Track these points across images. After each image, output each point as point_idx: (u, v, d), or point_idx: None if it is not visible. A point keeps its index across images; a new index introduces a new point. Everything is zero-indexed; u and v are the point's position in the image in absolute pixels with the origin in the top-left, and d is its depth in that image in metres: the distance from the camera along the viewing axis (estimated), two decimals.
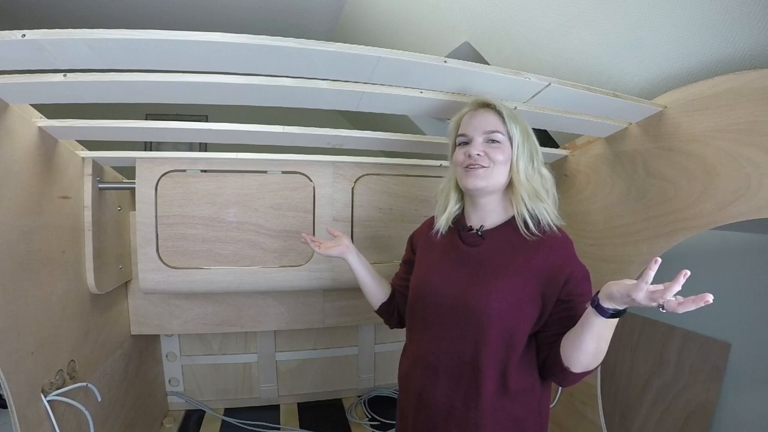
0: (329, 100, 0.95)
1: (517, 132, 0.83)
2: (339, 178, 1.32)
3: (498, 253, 0.84)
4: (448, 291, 0.86)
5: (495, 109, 0.85)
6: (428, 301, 0.90)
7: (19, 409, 0.80)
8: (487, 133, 0.84)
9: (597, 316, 0.69)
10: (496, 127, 0.84)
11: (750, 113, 0.86)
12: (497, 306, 0.80)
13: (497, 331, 0.80)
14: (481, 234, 0.87)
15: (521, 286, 0.81)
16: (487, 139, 0.84)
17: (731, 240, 1.34)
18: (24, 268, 0.85)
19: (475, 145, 0.84)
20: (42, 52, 0.67)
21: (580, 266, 0.83)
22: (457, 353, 0.84)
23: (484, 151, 0.83)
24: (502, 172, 0.83)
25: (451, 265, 0.89)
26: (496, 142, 0.83)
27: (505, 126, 0.83)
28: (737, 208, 0.89)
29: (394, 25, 2.04)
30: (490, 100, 0.86)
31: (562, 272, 0.80)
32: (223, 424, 1.56)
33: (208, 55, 0.73)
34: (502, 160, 0.83)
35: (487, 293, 0.81)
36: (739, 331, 1.32)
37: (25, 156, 0.87)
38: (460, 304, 0.84)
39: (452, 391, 0.85)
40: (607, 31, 1.12)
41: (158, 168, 1.19)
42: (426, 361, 0.89)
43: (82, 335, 1.07)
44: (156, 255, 1.21)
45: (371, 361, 1.81)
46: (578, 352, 0.74)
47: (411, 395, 0.93)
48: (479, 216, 0.89)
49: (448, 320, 0.86)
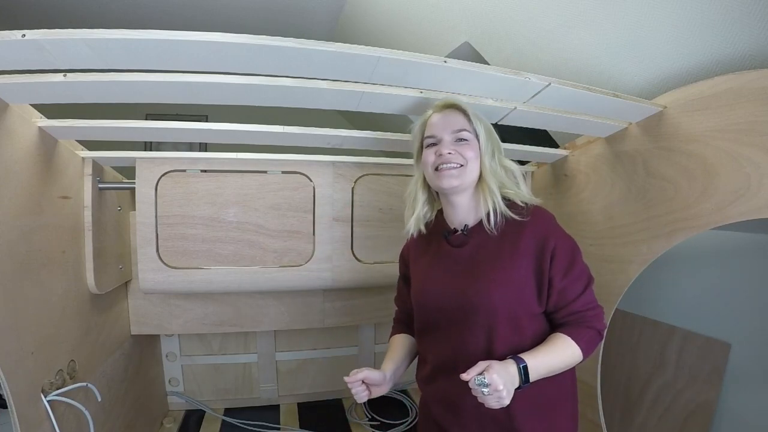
0: (329, 100, 0.95)
1: (482, 129, 0.87)
2: (339, 178, 1.32)
3: (485, 245, 0.87)
4: (448, 293, 0.87)
5: (460, 109, 0.88)
6: (431, 307, 0.91)
7: (19, 409, 0.80)
8: (456, 131, 0.86)
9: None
10: (463, 125, 0.87)
11: (750, 113, 0.86)
12: (498, 295, 0.82)
13: (504, 318, 0.82)
14: (465, 233, 0.89)
15: (516, 269, 0.83)
16: (455, 138, 0.86)
17: (731, 240, 1.34)
18: (24, 268, 0.85)
19: (445, 144, 0.86)
20: (42, 52, 0.67)
21: (564, 238, 0.86)
22: (472, 349, 0.85)
23: (455, 150, 0.85)
24: (474, 169, 0.86)
25: (446, 269, 0.90)
26: (464, 141, 0.86)
27: (471, 124, 0.87)
28: (737, 208, 0.89)
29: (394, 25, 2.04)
30: (455, 101, 0.90)
31: (547, 245, 0.83)
32: (223, 424, 1.56)
33: (208, 55, 0.72)
34: (472, 157, 0.86)
35: (485, 285, 0.83)
36: (739, 331, 1.32)
37: (25, 156, 0.87)
38: (463, 302, 0.85)
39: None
40: (607, 31, 1.12)
41: (158, 168, 1.19)
42: (445, 366, 0.89)
43: (82, 335, 1.07)
44: (156, 255, 1.21)
45: (371, 361, 1.81)
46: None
47: (437, 402, 0.93)
48: (460, 216, 0.90)
49: (455, 321, 0.87)
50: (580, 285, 0.85)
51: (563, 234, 0.86)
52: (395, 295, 1.10)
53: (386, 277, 1.37)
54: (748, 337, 1.29)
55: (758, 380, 1.27)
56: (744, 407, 1.30)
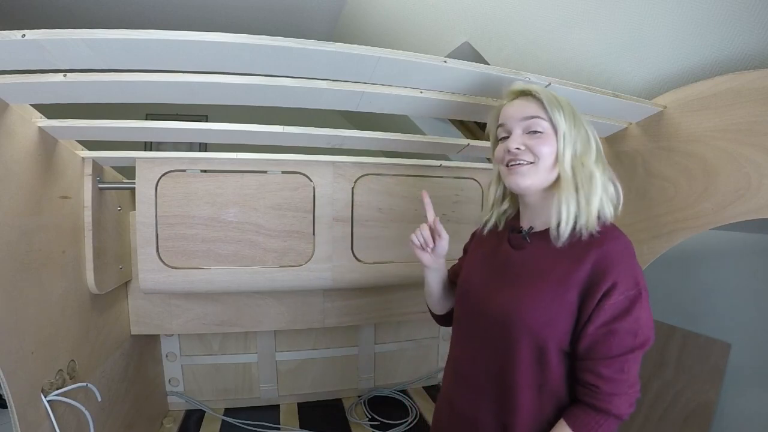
0: (329, 100, 0.95)
1: (562, 120, 0.72)
2: (339, 178, 1.32)
3: (542, 256, 0.74)
4: (480, 295, 0.81)
5: (534, 96, 0.75)
6: (464, 304, 0.86)
7: (19, 409, 0.80)
8: (527, 120, 0.74)
9: None
10: (535, 113, 0.74)
11: (750, 113, 0.86)
12: (524, 317, 0.71)
13: (527, 346, 0.71)
14: (525, 236, 0.79)
15: (557, 298, 0.70)
16: (527, 129, 0.74)
17: (731, 240, 1.34)
18: (24, 268, 0.85)
19: (514, 138, 0.75)
20: (42, 52, 0.67)
21: (630, 279, 0.67)
22: (485, 364, 0.78)
23: (524, 144, 0.74)
24: (549, 167, 0.73)
25: (490, 269, 0.82)
26: (537, 133, 0.73)
27: (547, 113, 0.73)
28: (737, 208, 0.89)
29: (394, 25, 2.04)
30: (527, 87, 0.77)
31: (605, 279, 0.66)
32: (223, 424, 1.56)
33: (208, 55, 0.72)
34: (547, 153, 0.72)
35: (515, 301, 0.73)
36: (739, 331, 1.32)
37: (25, 156, 0.87)
38: (487, 310, 0.78)
39: (477, 404, 0.80)
40: (607, 31, 1.12)
41: (158, 168, 1.19)
42: (458, 368, 0.86)
43: (82, 335, 1.07)
44: (156, 255, 1.21)
45: (371, 361, 1.81)
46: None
47: (445, 401, 0.91)
48: (529, 216, 0.80)
49: (477, 327, 0.81)
50: (620, 346, 0.67)
51: (631, 274, 0.68)
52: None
53: (386, 277, 1.37)
54: (748, 337, 1.29)
55: (758, 380, 1.27)
56: (744, 407, 1.30)
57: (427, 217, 0.90)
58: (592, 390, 0.69)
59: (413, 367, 1.88)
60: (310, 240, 1.31)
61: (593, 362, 0.68)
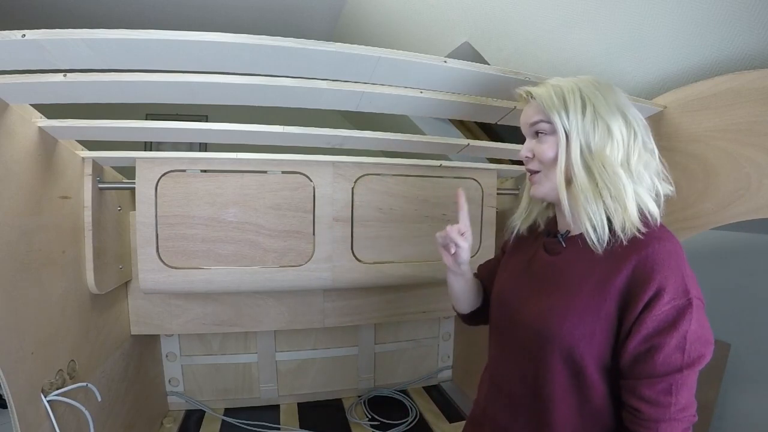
0: (329, 100, 0.95)
1: (563, 115, 0.66)
2: (339, 178, 1.32)
3: (575, 264, 0.69)
4: (512, 303, 0.77)
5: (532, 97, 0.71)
6: (498, 309, 0.82)
7: (19, 409, 0.80)
8: (532, 126, 0.71)
9: None
10: (536, 116, 0.70)
11: (750, 113, 0.86)
12: (557, 330, 0.65)
13: (562, 360, 0.65)
14: (561, 240, 0.73)
15: (593, 309, 0.63)
16: (534, 135, 0.72)
17: (731, 240, 1.34)
18: (24, 268, 0.85)
19: (524, 147, 0.73)
20: (42, 52, 0.67)
21: (678, 284, 0.59)
22: (519, 374, 0.74)
23: (532, 151, 0.71)
24: (556, 172, 0.67)
25: (523, 274, 0.78)
26: (541, 134, 0.70)
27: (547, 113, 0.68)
28: (737, 208, 0.89)
29: (394, 25, 2.04)
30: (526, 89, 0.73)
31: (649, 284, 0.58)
32: (223, 424, 1.56)
33: (208, 55, 0.72)
34: (551, 157, 0.68)
35: (548, 312, 0.68)
36: (739, 331, 1.32)
37: (25, 156, 0.87)
38: (520, 319, 0.73)
39: (512, 416, 0.76)
40: (607, 31, 1.12)
41: (158, 168, 1.19)
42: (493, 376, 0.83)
43: (82, 335, 1.07)
44: (156, 255, 1.21)
45: (371, 361, 1.81)
46: None
47: (479, 407, 0.88)
48: (563, 221, 0.74)
49: (511, 336, 0.76)
50: (665, 364, 0.58)
51: (679, 279, 0.59)
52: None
53: (386, 277, 1.37)
54: (748, 337, 1.29)
55: (758, 380, 1.27)
56: (744, 407, 1.30)
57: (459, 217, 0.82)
58: (633, 414, 0.61)
59: (413, 367, 1.89)
60: (310, 240, 1.31)
61: (635, 382, 0.61)
